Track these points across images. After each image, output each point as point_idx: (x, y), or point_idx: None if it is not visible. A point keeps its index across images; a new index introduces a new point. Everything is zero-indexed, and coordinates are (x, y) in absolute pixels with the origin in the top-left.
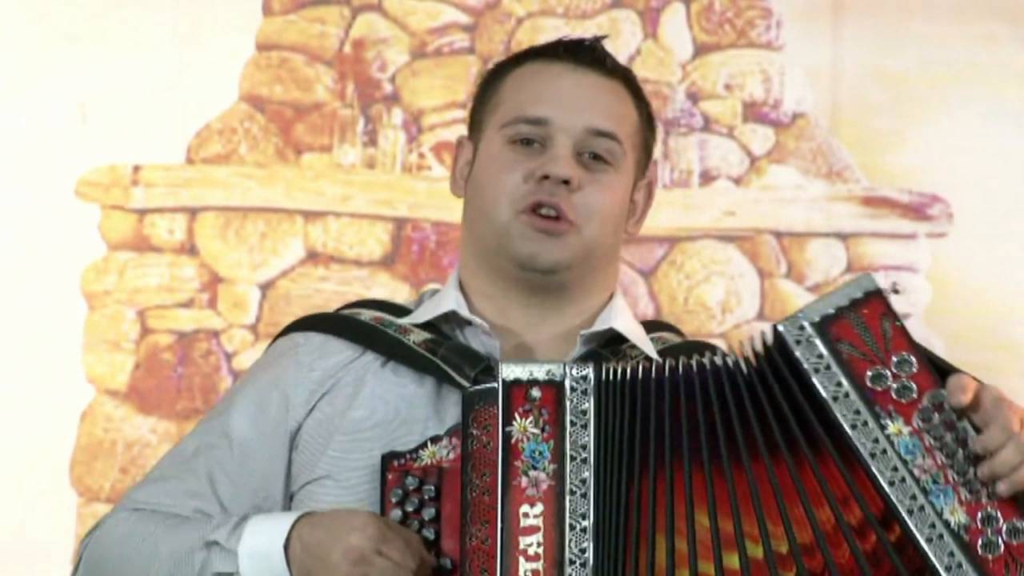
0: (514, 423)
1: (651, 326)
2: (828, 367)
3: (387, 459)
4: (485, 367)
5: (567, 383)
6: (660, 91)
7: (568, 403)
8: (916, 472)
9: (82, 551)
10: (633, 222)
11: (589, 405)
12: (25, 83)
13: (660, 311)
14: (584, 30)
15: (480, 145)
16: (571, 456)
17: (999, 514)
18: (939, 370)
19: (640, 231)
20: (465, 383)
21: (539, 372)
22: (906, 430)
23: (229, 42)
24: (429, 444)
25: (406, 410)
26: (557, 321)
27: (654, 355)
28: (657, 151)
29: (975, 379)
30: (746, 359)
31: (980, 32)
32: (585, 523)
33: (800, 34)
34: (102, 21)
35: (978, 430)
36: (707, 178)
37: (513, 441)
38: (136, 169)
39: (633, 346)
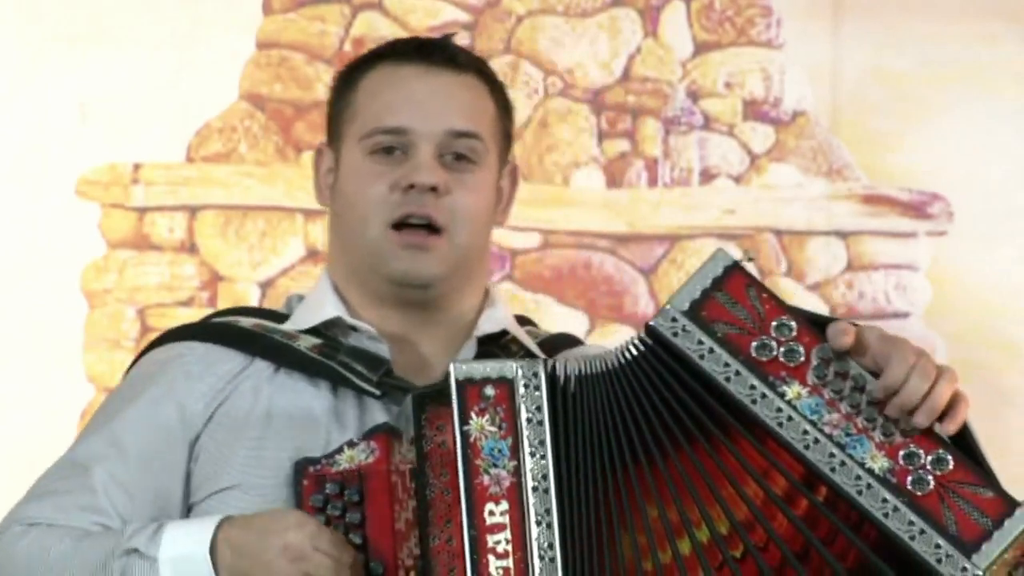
0: (471, 422)
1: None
2: (711, 350)
3: (301, 465)
4: (387, 370)
5: (519, 380)
6: (660, 89)
7: (522, 400)
8: (827, 429)
9: None
10: (501, 210)
11: (543, 401)
12: (25, 82)
13: None
14: (584, 28)
15: (341, 156)
16: (530, 452)
17: (919, 448)
18: (817, 324)
19: (507, 219)
20: (367, 387)
21: (491, 370)
22: (804, 391)
23: (229, 41)
24: (346, 448)
25: (307, 416)
26: (439, 325)
27: (534, 348)
28: (657, 149)
29: (854, 324)
30: (637, 356)
31: (981, 31)
32: (550, 518)
33: (800, 33)
34: (102, 20)
35: (874, 374)
36: (707, 176)
37: (472, 440)
38: (136, 168)
39: (513, 339)
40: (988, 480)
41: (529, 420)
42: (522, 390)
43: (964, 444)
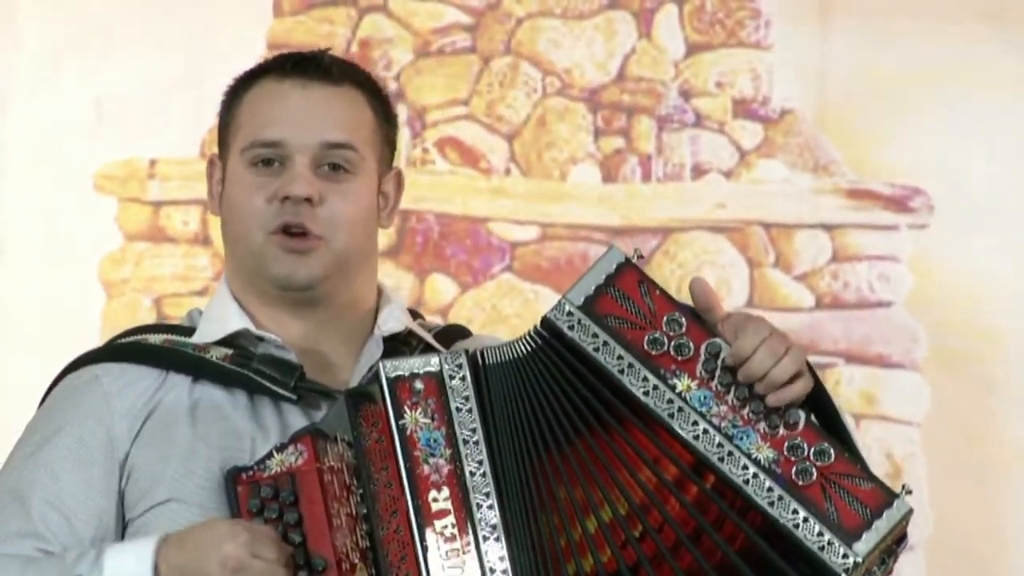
0: (405, 416)
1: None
2: (606, 343)
3: (234, 473)
4: (300, 374)
5: (446, 373)
6: (654, 88)
7: (450, 391)
8: (715, 421)
9: None
10: (386, 213)
11: (470, 391)
12: (45, 82)
13: None
14: (581, 30)
15: (227, 167)
16: (463, 440)
17: (803, 441)
18: (701, 318)
19: (393, 222)
20: (284, 392)
21: (418, 366)
22: (694, 384)
23: (241, 42)
24: (275, 453)
25: (230, 425)
26: (334, 328)
27: (432, 341)
28: (651, 146)
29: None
30: (540, 345)
31: (963, 32)
32: (490, 500)
33: (788, 34)
34: (119, 22)
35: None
36: (699, 172)
37: (408, 433)
38: (152, 163)
39: (411, 333)
40: (867, 472)
41: (458, 410)
42: (449, 382)
43: (841, 438)
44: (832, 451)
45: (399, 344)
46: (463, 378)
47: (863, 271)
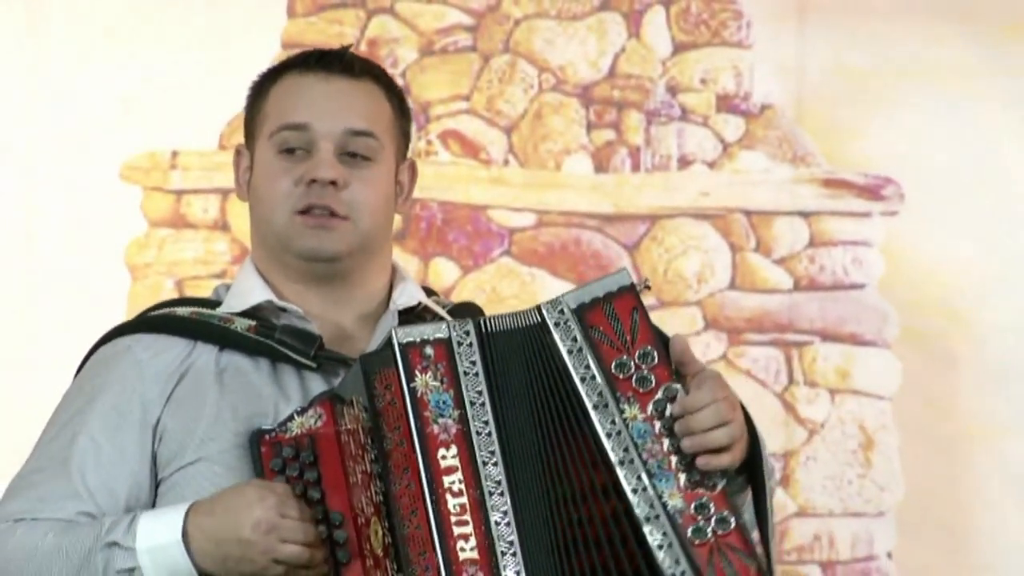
0: (416, 379)
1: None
2: (580, 350)
3: (258, 435)
4: (320, 344)
5: (454, 339)
6: (643, 85)
7: (458, 356)
8: (644, 456)
9: None
10: (401, 200)
11: (476, 356)
12: (74, 78)
13: None
14: (574, 30)
15: (255, 154)
16: (470, 402)
17: (712, 504)
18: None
19: (408, 208)
20: (305, 360)
21: (428, 333)
22: (640, 416)
23: (257, 41)
24: (296, 416)
25: (254, 391)
26: (352, 302)
27: (445, 316)
28: (640, 138)
29: (706, 369)
30: (530, 325)
31: (932, 32)
32: (495, 458)
33: (768, 34)
34: (143, 21)
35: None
36: (684, 163)
37: (419, 395)
38: (174, 154)
39: (426, 308)
40: (757, 556)
41: (466, 373)
42: (457, 348)
43: (760, 516)
44: (733, 523)
45: (413, 319)
46: (470, 344)
47: (838, 255)
